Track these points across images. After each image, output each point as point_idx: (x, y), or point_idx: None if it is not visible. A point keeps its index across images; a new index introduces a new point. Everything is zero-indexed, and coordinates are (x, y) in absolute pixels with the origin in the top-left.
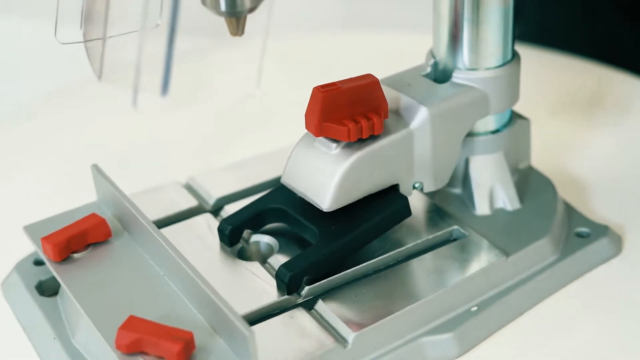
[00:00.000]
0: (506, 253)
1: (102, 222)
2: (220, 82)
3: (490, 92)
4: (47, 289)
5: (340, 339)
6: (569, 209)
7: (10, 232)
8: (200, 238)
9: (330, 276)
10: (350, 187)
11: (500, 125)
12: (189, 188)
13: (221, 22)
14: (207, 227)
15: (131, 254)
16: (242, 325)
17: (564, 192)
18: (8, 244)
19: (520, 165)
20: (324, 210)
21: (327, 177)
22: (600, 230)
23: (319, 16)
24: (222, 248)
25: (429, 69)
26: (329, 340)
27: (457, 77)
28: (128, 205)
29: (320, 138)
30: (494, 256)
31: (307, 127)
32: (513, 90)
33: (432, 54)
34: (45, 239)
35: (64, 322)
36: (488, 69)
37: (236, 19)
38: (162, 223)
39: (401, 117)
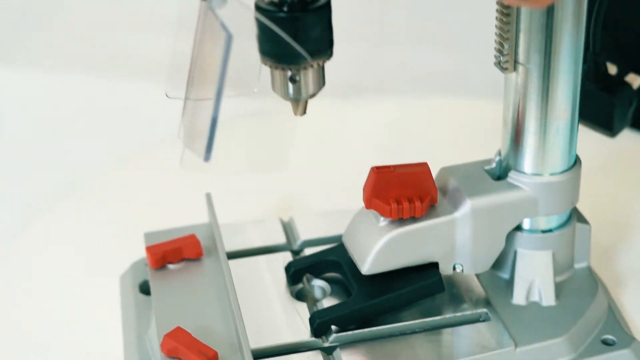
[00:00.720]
0: (516, 344)
1: (196, 243)
2: None
3: (540, 196)
4: (148, 289)
5: None
6: (610, 314)
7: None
8: (272, 273)
9: (359, 329)
10: (387, 258)
11: (553, 225)
12: (287, 226)
13: None
14: (282, 264)
15: (212, 273)
16: (246, 354)
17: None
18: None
19: (577, 265)
20: (362, 273)
21: (369, 245)
22: (625, 341)
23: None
24: (285, 286)
25: (493, 165)
26: None
27: (512, 177)
28: (214, 231)
29: (372, 210)
30: (503, 344)
31: (363, 199)
32: (567, 196)
33: (499, 150)
34: (148, 248)
35: (146, 319)
36: (541, 175)
37: (298, 103)
38: (246, 253)
39: (449, 204)
